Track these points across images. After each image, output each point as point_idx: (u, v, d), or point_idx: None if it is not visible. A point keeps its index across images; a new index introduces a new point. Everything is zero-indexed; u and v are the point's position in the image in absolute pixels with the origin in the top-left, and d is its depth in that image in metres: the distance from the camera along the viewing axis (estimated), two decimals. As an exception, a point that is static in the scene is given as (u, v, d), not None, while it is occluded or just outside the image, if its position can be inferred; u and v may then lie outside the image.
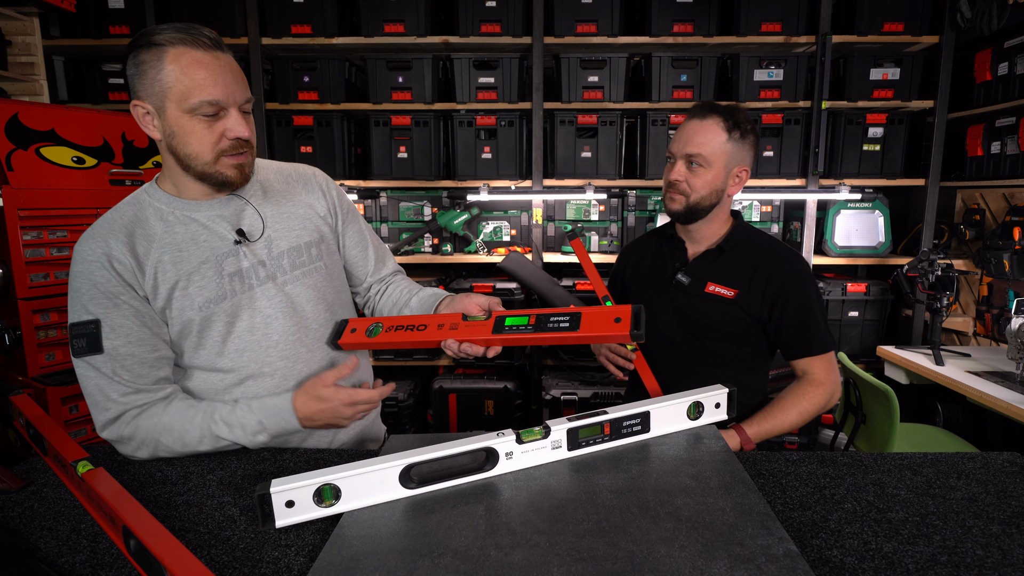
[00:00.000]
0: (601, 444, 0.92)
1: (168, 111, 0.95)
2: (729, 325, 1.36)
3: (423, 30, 2.74)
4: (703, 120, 1.33)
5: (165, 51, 0.93)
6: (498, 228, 2.98)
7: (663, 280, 1.44)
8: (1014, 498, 0.85)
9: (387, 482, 0.80)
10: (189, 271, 1.01)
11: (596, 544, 0.68)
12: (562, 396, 2.69)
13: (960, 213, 2.97)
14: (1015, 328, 2.00)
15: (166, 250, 1.00)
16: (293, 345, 1.09)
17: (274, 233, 1.09)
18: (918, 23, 2.70)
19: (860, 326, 2.92)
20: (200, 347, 1.03)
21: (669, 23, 2.71)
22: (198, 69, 0.93)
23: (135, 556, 0.70)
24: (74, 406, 1.83)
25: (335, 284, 1.19)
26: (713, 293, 1.37)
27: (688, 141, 1.34)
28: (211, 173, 0.99)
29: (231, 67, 0.97)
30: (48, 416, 1.05)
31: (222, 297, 1.03)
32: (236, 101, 0.97)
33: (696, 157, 1.33)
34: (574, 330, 0.97)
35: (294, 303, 1.09)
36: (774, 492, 0.87)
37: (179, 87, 0.93)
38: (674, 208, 1.38)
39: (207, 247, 1.03)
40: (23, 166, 1.80)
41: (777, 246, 1.40)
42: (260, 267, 1.06)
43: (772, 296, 1.33)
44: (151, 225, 1.02)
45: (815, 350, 1.33)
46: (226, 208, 1.06)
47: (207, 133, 0.96)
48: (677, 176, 1.35)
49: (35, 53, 2.45)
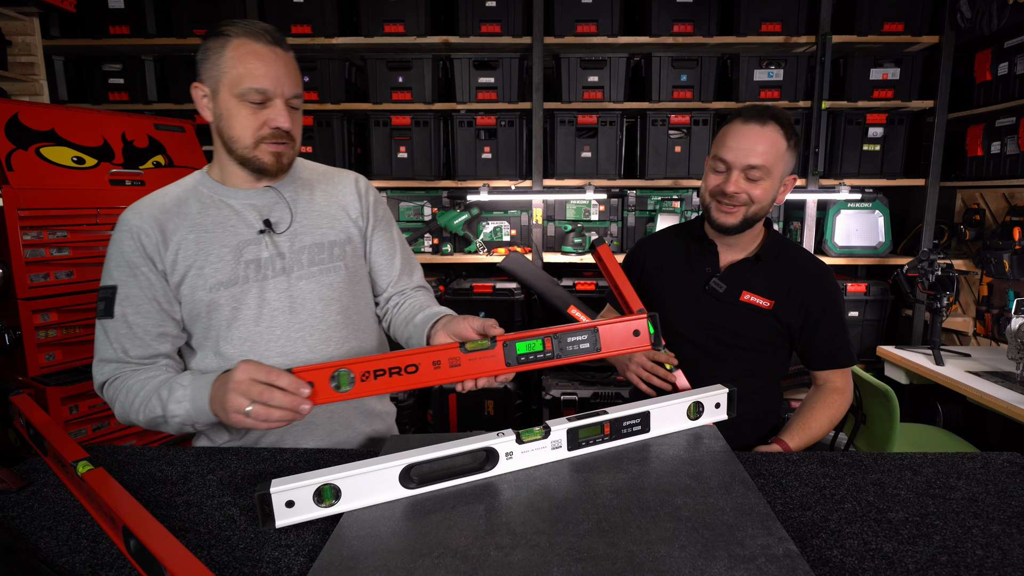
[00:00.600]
0: (601, 444, 0.92)
1: (221, 94, 1.01)
2: (761, 334, 1.35)
3: (423, 30, 2.74)
4: (763, 127, 1.24)
5: (229, 40, 1.00)
6: (498, 228, 2.98)
7: (694, 285, 1.38)
8: (1014, 498, 0.85)
9: (387, 482, 0.80)
10: (208, 252, 1.05)
11: (596, 544, 0.68)
12: (562, 396, 2.69)
13: (960, 213, 2.97)
14: (1015, 328, 2.00)
15: (193, 229, 1.05)
16: (294, 343, 1.09)
17: (300, 228, 1.11)
18: (918, 23, 2.71)
19: (860, 326, 2.92)
20: (208, 330, 1.06)
21: (669, 23, 2.71)
22: (253, 59, 0.99)
23: (135, 556, 0.70)
24: (74, 406, 1.83)
25: (354, 288, 1.17)
26: (748, 302, 1.34)
27: (750, 151, 1.24)
28: (250, 158, 1.04)
29: (286, 63, 1.02)
30: (48, 416, 1.05)
31: (233, 282, 1.05)
32: (283, 93, 1.01)
33: (758, 168, 1.24)
34: (595, 351, 0.92)
35: (303, 300, 1.10)
36: (774, 492, 0.87)
37: (233, 73, 0.99)
38: (729, 221, 1.29)
39: (232, 232, 1.06)
40: (23, 166, 1.80)
41: (813, 260, 1.39)
42: (278, 259, 1.08)
43: (807, 310, 1.33)
44: (188, 205, 1.07)
45: (842, 363, 1.35)
46: (260, 198, 1.10)
47: (251, 119, 1.01)
48: (735, 188, 1.26)
49: (35, 53, 2.45)
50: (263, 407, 0.84)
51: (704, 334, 1.36)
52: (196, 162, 2.30)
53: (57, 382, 1.80)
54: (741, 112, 1.29)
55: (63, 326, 1.88)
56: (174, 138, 2.26)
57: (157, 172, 2.15)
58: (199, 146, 2.36)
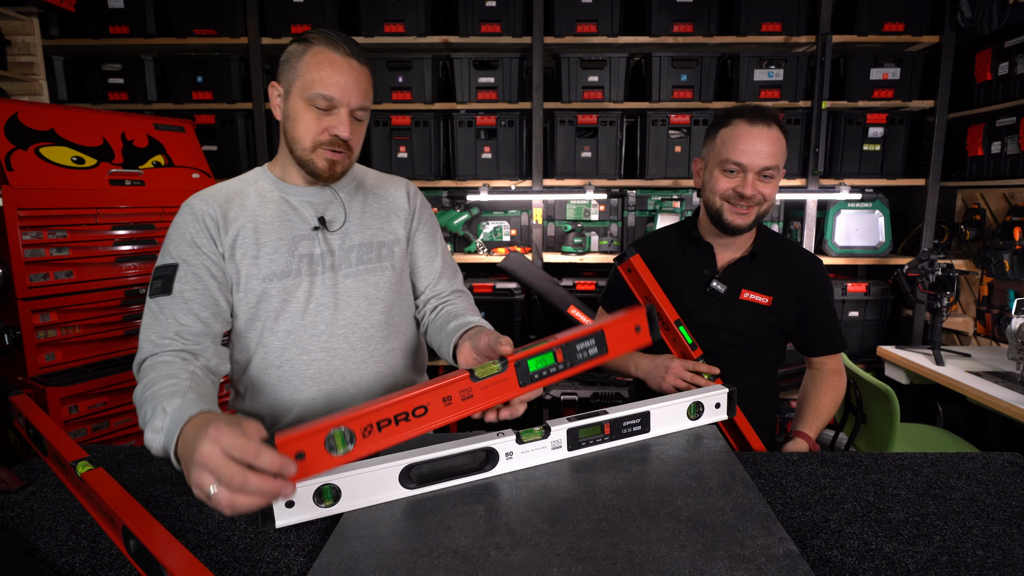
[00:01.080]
0: (601, 444, 0.92)
1: (292, 96, 1.05)
2: (761, 331, 1.37)
3: (423, 30, 2.74)
4: (770, 128, 1.27)
5: (310, 47, 1.04)
6: (498, 228, 2.98)
7: (696, 288, 1.39)
8: (1014, 498, 0.84)
9: (387, 482, 0.80)
10: (264, 243, 1.09)
11: (596, 544, 0.68)
12: (562, 396, 2.69)
13: (960, 213, 2.97)
14: (1015, 328, 2.00)
15: (252, 220, 1.09)
16: (336, 339, 1.12)
17: (352, 227, 1.15)
18: (918, 23, 2.70)
19: (860, 326, 2.92)
20: (254, 320, 1.10)
21: (669, 23, 2.71)
22: (326, 67, 1.03)
23: (135, 556, 0.70)
24: (74, 406, 1.83)
25: (399, 290, 1.20)
26: (748, 300, 1.36)
27: (764, 153, 1.26)
28: (306, 160, 1.08)
29: (358, 75, 1.05)
30: (48, 416, 1.05)
31: (286, 274, 1.09)
32: (349, 104, 1.05)
33: (771, 168, 1.27)
34: (604, 353, 0.89)
35: (348, 297, 1.13)
36: (774, 492, 0.87)
37: (306, 77, 1.03)
38: (744, 223, 1.30)
39: (288, 226, 1.11)
40: (23, 166, 1.80)
41: (804, 253, 1.43)
42: (329, 256, 1.12)
43: (803, 302, 1.37)
44: (249, 198, 1.12)
45: (836, 349, 1.42)
46: (317, 196, 1.14)
47: (314, 123, 1.05)
48: (753, 190, 1.27)
49: (35, 53, 2.45)
50: (229, 494, 0.65)
51: (707, 335, 1.34)
52: (196, 162, 2.30)
53: (57, 382, 1.80)
54: (742, 113, 1.29)
55: (63, 326, 1.87)
56: (174, 138, 2.26)
57: (157, 172, 2.15)
58: (199, 146, 2.35)
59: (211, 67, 2.81)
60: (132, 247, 2.03)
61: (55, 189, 1.85)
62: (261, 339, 1.11)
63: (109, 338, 1.99)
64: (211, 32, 2.76)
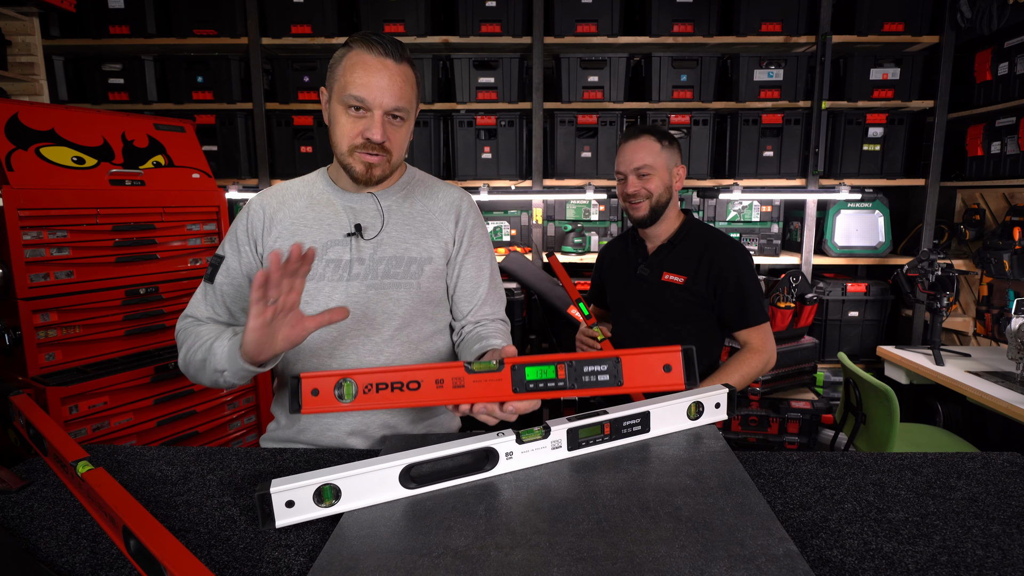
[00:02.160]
0: (601, 444, 0.92)
1: (333, 100, 1.07)
2: (682, 307, 1.58)
3: (423, 30, 2.74)
4: (637, 139, 1.58)
5: (349, 51, 1.05)
6: (498, 228, 2.98)
7: (629, 274, 1.68)
8: (1014, 498, 0.84)
9: (387, 482, 0.80)
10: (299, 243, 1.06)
11: (596, 544, 0.68)
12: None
13: (960, 213, 2.97)
14: (1015, 328, 2.00)
15: (295, 222, 1.13)
16: (345, 347, 1.11)
17: (387, 238, 1.14)
18: (918, 23, 2.71)
19: (860, 326, 2.92)
20: None
21: (669, 23, 2.71)
22: (359, 69, 1.03)
23: (135, 556, 0.70)
24: (74, 406, 1.83)
25: (425, 309, 1.16)
26: (667, 281, 1.59)
27: (632, 159, 1.57)
28: (345, 164, 1.09)
29: (391, 75, 1.04)
30: (48, 416, 1.05)
31: (311, 277, 1.10)
32: (382, 105, 1.04)
33: (643, 168, 1.56)
34: (617, 384, 0.85)
35: (367, 308, 1.11)
36: (774, 492, 0.87)
37: (342, 81, 1.04)
38: (640, 215, 1.60)
39: (326, 230, 1.12)
40: (23, 166, 1.80)
41: (720, 237, 1.62)
42: (358, 263, 1.12)
43: (715, 280, 1.55)
44: (301, 199, 1.15)
45: (750, 322, 1.55)
46: (360, 203, 1.15)
47: (349, 126, 1.05)
48: (634, 188, 1.57)
49: (35, 53, 2.45)
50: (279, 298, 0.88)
51: (639, 313, 1.63)
52: (196, 162, 2.30)
53: (57, 382, 1.80)
54: (624, 134, 1.63)
55: (63, 326, 1.87)
56: (174, 138, 2.26)
57: (157, 172, 2.15)
58: (199, 146, 2.35)
59: (211, 67, 2.81)
60: (132, 247, 2.03)
61: (55, 189, 1.85)
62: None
63: (109, 338, 1.99)
64: (211, 32, 2.76)
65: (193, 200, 2.21)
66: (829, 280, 2.97)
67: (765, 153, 2.83)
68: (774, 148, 2.83)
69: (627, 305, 1.66)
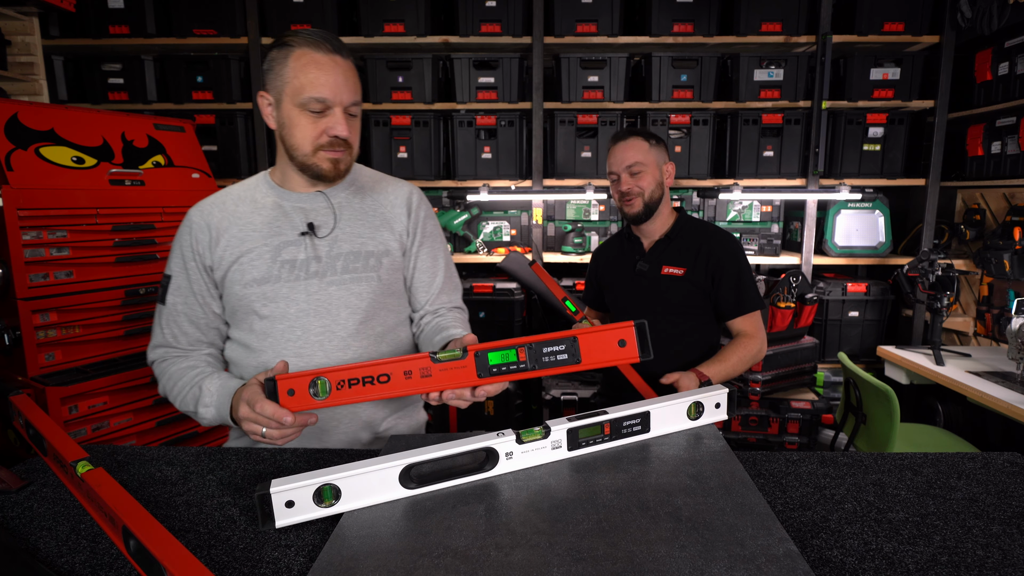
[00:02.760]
0: (601, 444, 0.92)
1: (283, 104, 1.05)
2: (684, 299, 1.63)
3: (423, 30, 2.74)
4: (626, 140, 1.65)
5: (292, 51, 1.02)
6: (498, 228, 2.98)
7: (628, 272, 1.72)
8: (1014, 498, 0.84)
9: (387, 482, 0.80)
10: (249, 248, 1.10)
11: (596, 544, 0.68)
12: (562, 396, 2.69)
13: (960, 213, 2.97)
14: (1015, 328, 2.00)
15: (243, 228, 1.11)
16: (311, 346, 1.11)
17: (341, 234, 1.14)
18: (918, 23, 2.71)
19: (860, 326, 2.92)
20: (241, 322, 1.13)
21: (669, 23, 2.71)
22: (313, 69, 1.02)
23: (135, 556, 0.70)
24: (74, 406, 1.83)
25: (386, 301, 1.17)
26: (667, 274, 1.64)
27: (623, 158, 1.64)
28: (309, 165, 1.08)
29: (345, 71, 1.04)
30: (48, 416, 1.05)
31: (266, 280, 1.09)
32: (342, 102, 1.04)
33: (635, 165, 1.62)
34: (576, 362, 0.89)
35: (329, 305, 1.11)
36: (774, 492, 0.87)
37: (295, 83, 1.02)
38: (634, 211, 1.66)
39: (276, 232, 1.11)
40: (23, 166, 1.80)
41: (715, 229, 1.69)
42: (314, 262, 1.11)
43: (713, 269, 1.61)
44: (243, 205, 1.14)
45: (746, 308, 1.63)
46: (310, 202, 1.14)
47: (311, 127, 1.05)
48: (627, 186, 1.64)
49: (35, 53, 2.45)
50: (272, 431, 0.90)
51: (641, 308, 1.66)
52: (196, 162, 2.30)
53: (57, 382, 1.80)
54: (612, 137, 1.70)
55: (63, 326, 1.87)
56: (174, 138, 2.26)
57: (157, 172, 2.15)
58: (199, 146, 2.35)
59: (211, 67, 2.81)
60: (132, 247, 2.03)
61: (55, 189, 1.85)
62: (241, 341, 1.14)
63: (109, 338, 1.99)
64: (211, 32, 2.76)
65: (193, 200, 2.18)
66: (829, 280, 2.97)
67: (765, 153, 2.83)
68: (774, 148, 2.83)
69: (629, 302, 1.70)
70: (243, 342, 1.13)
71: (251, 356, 1.12)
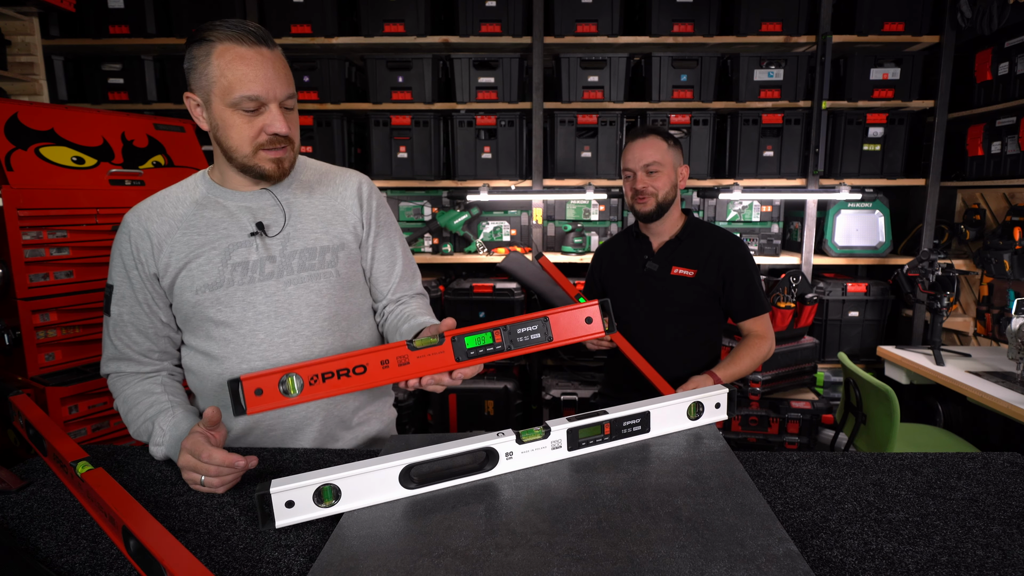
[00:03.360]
0: (601, 444, 0.92)
1: (213, 104, 0.98)
2: (692, 299, 1.65)
3: (423, 30, 2.74)
4: (645, 138, 1.65)
5: (213, 47, 0.95)
6: (498, 228, 2.98)
7: (636, 271, 1.71)
8: (1014, 498, 0.84)
9: (387, 482, 0.80)
10: (197, 253, 1.05)
11: (596, 544, 0.68)
12: (562, 396, 2.69)
13: (960, 213, 2.97)
14: (1015, 328, 2.00)
15: (186, 232, 1.05)
16: (276, 347, 1.07)
17: (293, 232, 1.09)
18: (918, 23, 2.70)
19: (860, 326, 2.92)
20: (196, 330, 1.08)
21: (669, 23, 2.71)
22: (240, 64, 0.95)
23: (135, 556, 0.70)
24: (74, 406, 1.83)
25: (348, 295, 1.15)
26: (677, 275, 1.65)
27: (641, 156, 1.64)
28: (250, 166, 1.03)
29: (274, 63, 0.98)
30: (48, 416, 1.05)
31: (219, 284, 1.05)
32: (276, 97, 0.98)
33: (652, 164, 1.63)
34: (546, 340, 0.92)
35: (290, 305, 1.08)
36: (774, 492, 0.87)
37: (222, 82, 0.96)
38: (646, 210, 1.66)
39: (223, 234, 1.06)
40: (23, 166, 1.80)
41: (725, 233, 1.71)
42: (268, 262, 1.07)
43: (724, 272, 1.64)
44: (184, 207, 1.07)
45: (756, 312, 1.67)
46: (256, 201, 1.09)
47: (247, 127, 0.99)
48: (642, 184, 1.64)
49: (35, 53, 2.44)
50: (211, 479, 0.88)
51: (651, 308, 1.67)
52: (196, 162, 2.30)
53: (57, 382, 1.80)
54: (632, 133, 1.68)
55: (63, 326, 1.87)
56: (174, 138, 2.26)
57: (157, 172, 2.15)
58: (199, 146, 2.35)
59: (211, 67, 2.81)
60: (132, 247, 2.03)
61: (55, 189, 1.85)
62: (199, 349, 1.08)
63: (109, 338, 1.99)
64: (211, 32, 2.76)
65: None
66: (829, 280, 2.96)
67: (765, 153, 2.83)
68: (774, 148, 2.82)
69: (635, 301, 1.70)
70: (202, 350, 1.08)
71: (213, 364, 1.07)
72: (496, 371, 2.87)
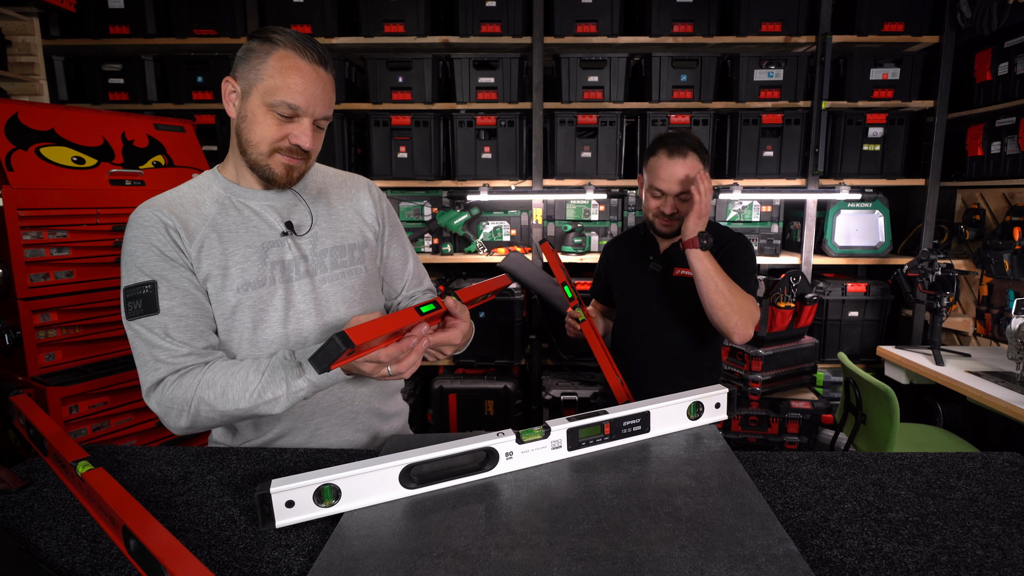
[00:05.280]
0: (601, 444, 0.92)
1: (252, 97, 0.99)
2: (694, 300, 1.58)
3: (423, 30, 2.74)
4: (685, 158, 1.52)
5: (275, 48, 0.98)
6: (498, 228, 2.98)
7: (640, 270, 1.72)
8: (1014, 498, 0.85)
9: (387, 482, 0.80)
10: (233, 252, 1.03)
11: (596, 544, 0.68)
12: (562, 396, 2.69)
13: (960, 213, 2.97)
14: (1015, 328, 2.00)
15: (215, 229, 1.03)
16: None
17: (320, 231, 1.12)
18: (918, 23, 2.71)
19: (860, 326, 2.92)
20: (231, 331, 1.04)
21: (669, 23, 2.71)
22: (294, 74, 0.97)
23: (135, 556, 0.70)
24: (74, 406, 1.83)
25: (370, 291, 1.18)
26: (680, 276, 1.64)
27: (677, 176, 1.53)
28: (261, 165, 1.03)
29: (325, 85, 1.01)
30: (48, 416, 1.05)
31: (261, 283, 1.05)
32: (314, 114, 1.01)
33: (687, 192, 1.53)
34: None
35: (327, 302, 1.10)
36: (774, 492, 0.87)
37: (271, 82, 0.98)
38: (668, 231, 1.62)
39: (256, 233, 1.06)
40: (23, 166, 1.80)
41: (729, 232, 1.68)
42: (302, 261, 1.09)
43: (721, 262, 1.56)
44: (206, 206, 1.05)
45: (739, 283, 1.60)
46: (279, 200, 1.10)
47: (274, 128, 1.00)
48: (673, 210, 1.56)
49: (35, 53, 2.45)
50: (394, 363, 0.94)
51: (648, 307, 1.69)
52: (196, 162, 2.30)
53: (57, 382, 1.80)
54: (664, 143, 1.56)
55: (63, 326, 1.87)
56: (174, 138, 2.26)
57: (157, 172, 2.15)
58: (199, 146, 2.35)
59: (211, 67, 2.81)
60: (132, 247, 2.03)
61: (55, 189, 1.85)
62: (240, 350, 1.05)
63: (109, 338, 1.99)
64: (211, 32, 2.76)
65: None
66: (829, 280, 2.97)
67: (765, 153, 2.83)
68: (774, 148, 2.83)
69: (638, 300, 1.71)
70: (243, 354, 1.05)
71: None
72: (496, 371, 2.87)
